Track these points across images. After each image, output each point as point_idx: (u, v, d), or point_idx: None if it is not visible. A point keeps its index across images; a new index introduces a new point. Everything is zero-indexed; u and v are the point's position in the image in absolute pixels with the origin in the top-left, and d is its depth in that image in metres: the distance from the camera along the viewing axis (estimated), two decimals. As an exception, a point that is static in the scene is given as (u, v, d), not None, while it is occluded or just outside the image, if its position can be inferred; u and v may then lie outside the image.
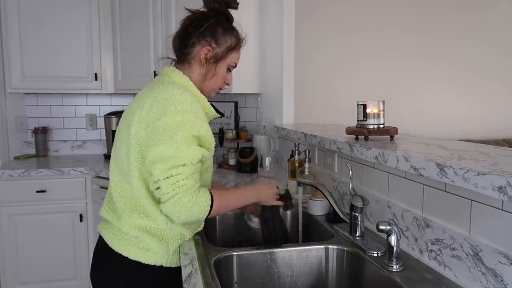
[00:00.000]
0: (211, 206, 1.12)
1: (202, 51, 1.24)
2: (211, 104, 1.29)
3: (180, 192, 1.07)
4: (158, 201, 1.16)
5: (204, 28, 1.23)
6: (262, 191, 1.29)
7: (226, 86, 1.35)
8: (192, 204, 1.09)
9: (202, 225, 1.36)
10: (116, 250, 1.20)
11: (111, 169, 1.28)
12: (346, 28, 3.31)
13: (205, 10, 1.27)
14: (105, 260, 1.25)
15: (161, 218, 1.19)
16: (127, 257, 1.19)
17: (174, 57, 1.31)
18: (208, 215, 1.13)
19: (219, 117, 1.34)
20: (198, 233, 1.33)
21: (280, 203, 1.33)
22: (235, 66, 1.33)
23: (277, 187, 1.34)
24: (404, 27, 3.43)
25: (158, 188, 1.11)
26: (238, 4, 1.29)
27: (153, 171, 1.09)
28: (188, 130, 1.10)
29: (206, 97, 1.27)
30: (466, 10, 3.57)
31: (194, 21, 1.25)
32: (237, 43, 1.29)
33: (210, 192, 1.14)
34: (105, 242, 1.23)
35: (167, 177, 1.07)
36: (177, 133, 1.09)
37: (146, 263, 1.19)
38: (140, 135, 1.14)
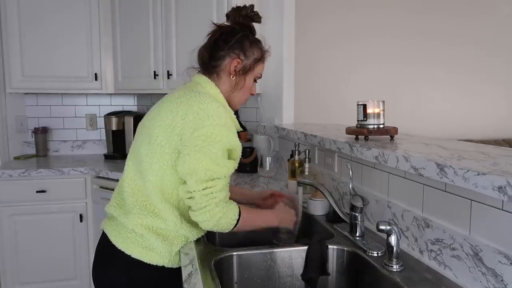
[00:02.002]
0: (238, 220, 1.18)
1: (231, 63, 1.28)
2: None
3: (212, 203, 1.13)
4: (187, 208, 1.20)
5: (233, 41, 1.27)
6: (282, 218, 1.35)
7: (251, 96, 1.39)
8: (222, 215, 1.14)
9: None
10: (119, 248, 1.20)
11: (127, 164, 1.29)
12: (346, 32, 3.31)
13: (230, 24, 1.31)
14: (107, 258, 1.25)
15: (172, 219, 1.20)
16: (129, 256, 1.19)
17: (198, 67, 1.34)
18: (233, 228, 1.18)
19: (241, 131, 1.36)
20: (198, 234, 1.34)
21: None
22: (260, 77, 1.38)
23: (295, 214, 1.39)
24: (404, 32, 3.44)
25: (191, 198, 1.14)
26: (261, 18, 1.33)
27: (188, 181, 1.13)
28: (224, 143, 1.15)
29: (232, 109, 1.31)
30: (465, 15, 3.59)
31: (222, 35, 1.29)
32: (263, 54, 1.35)
33: (238, 207, 1.19)
34: (108, 239, 1.24)
35: (202, 189, 1.12)
36: (214, 145, 1.13)
37: (148, 263, 1.19)
38: (172, 139, 1.16)
